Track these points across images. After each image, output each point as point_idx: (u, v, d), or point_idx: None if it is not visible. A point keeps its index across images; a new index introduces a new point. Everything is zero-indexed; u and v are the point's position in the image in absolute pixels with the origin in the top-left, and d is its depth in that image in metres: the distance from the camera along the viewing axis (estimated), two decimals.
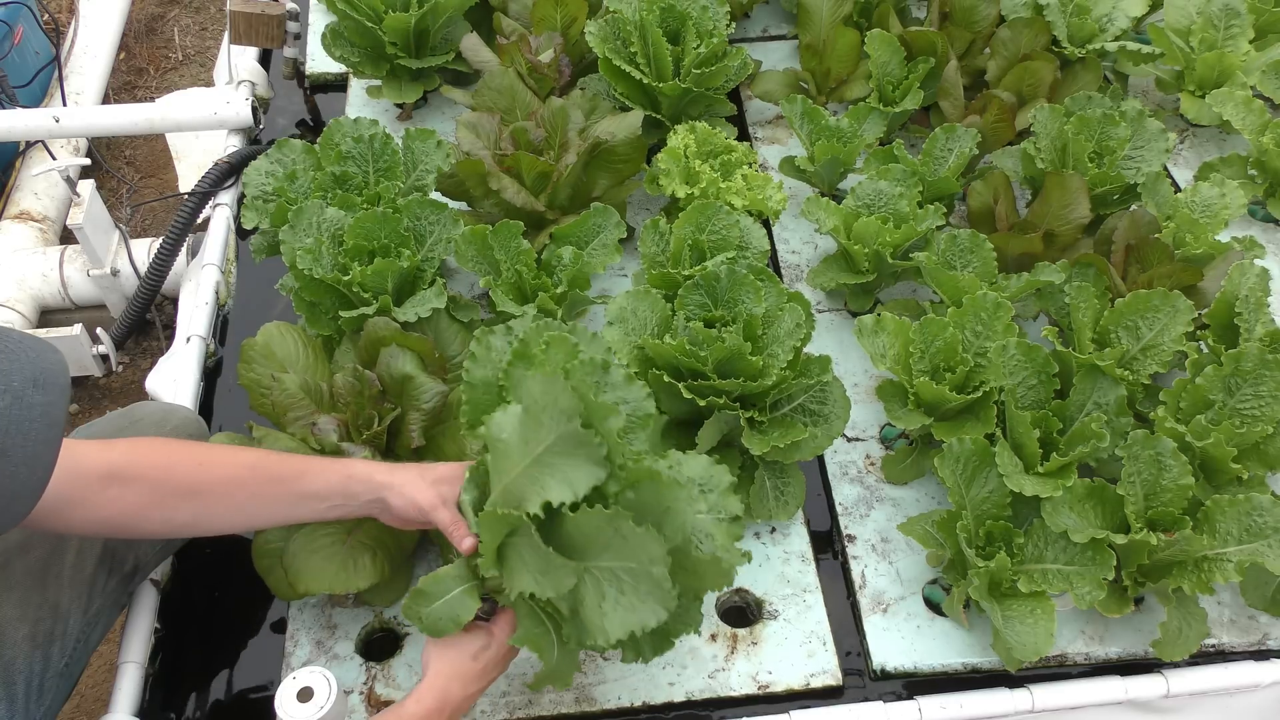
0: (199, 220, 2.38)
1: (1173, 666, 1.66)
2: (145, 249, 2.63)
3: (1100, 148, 2.16)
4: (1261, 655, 1.72)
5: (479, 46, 2.34)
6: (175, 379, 1.98)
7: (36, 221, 2.90)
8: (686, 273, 1.85)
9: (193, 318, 2.11)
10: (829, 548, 1.85)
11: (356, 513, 1.49)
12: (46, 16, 3.31)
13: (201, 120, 2.47)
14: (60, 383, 1.16)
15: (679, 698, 1.63)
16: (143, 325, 2.70)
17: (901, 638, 1.71)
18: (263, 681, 1.70)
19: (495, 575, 1.31)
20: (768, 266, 1.89)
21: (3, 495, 1.10)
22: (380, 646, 1.70)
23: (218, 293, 2.18)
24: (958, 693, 1.62)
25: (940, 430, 1.77)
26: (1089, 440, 1.67)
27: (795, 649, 1.68)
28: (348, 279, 1.79)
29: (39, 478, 1.14)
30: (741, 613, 1.76)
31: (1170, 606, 1.64)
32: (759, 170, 2.18)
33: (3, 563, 1.43)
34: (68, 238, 2.93)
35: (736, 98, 2.57)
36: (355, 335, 1.77)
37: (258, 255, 2.03)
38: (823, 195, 2.26)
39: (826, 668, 1.67)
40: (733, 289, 1.76)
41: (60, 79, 3.26)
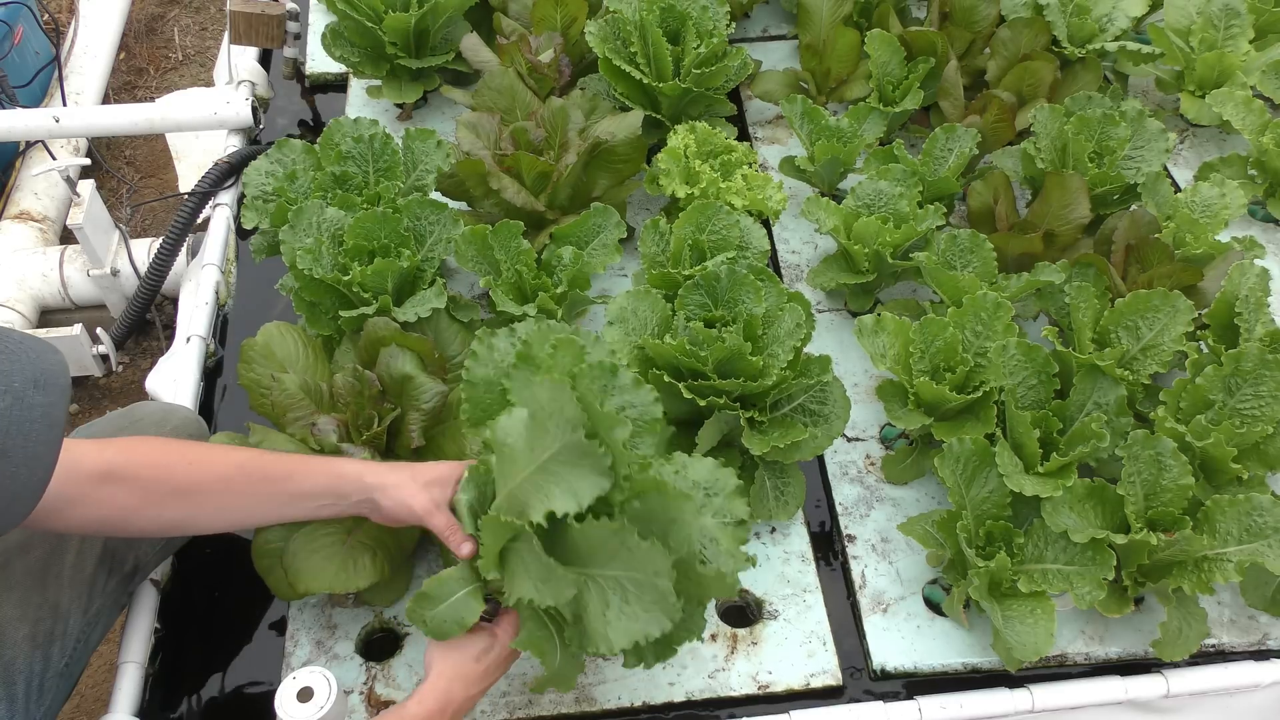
0: (199, 220, 2.38)
1: (1173, 666, 1.66)
2: (145, 249, 2.63)
3: (1100, 148, 2.16)
4: (1261, 655, 1.72)
5: (479, 46, 2.34)
6: (175, 379, 1.98)
7: (36, 221, 2.90)
8: (686, 273, 1.85)
9: (193, 318, 2.11)
10: (829, 548, 1.85)
11: (348, 512, 1.49)
12: (46, 16, 3.31)
13: (201, 120, 2.47)
14: (61, 383, 1.16)
15: (679, 698, 1.63)
16: (143, 325, 2.70)
17: (901, 638, 1.71)
18: (263, 681, 1.70)
19: (497, 578, 1.31)
20: (768, 266, 1.89)
21: (4, 496, 1.10)
22: (380, 646, 1.70)
23: (218, 293, 2.18)
24: (958, 693, 1.62)
25: (940, 430, 1.77)
26: (1089, 440, 1.67)
27: (795, 649, 1.68)
28: (348, 279, 1.79)
29: (40, 478, 1.14)
30: (741, 613, 1.76)
31: (1170, 606, 1.64)
32: (759, 170, 2.18)
33: (3, 563, 1.43)
34: (68, 238, 2.93)
35: (736, 98, 2.57)
36: (355, 335, 1.77)
37: (258, 255, 2.03)
38: (823, 195, 2.26)
39: (826, 668, 1.67)
40: (733, 289, 1.76)
41: (60, 79, 3.26)
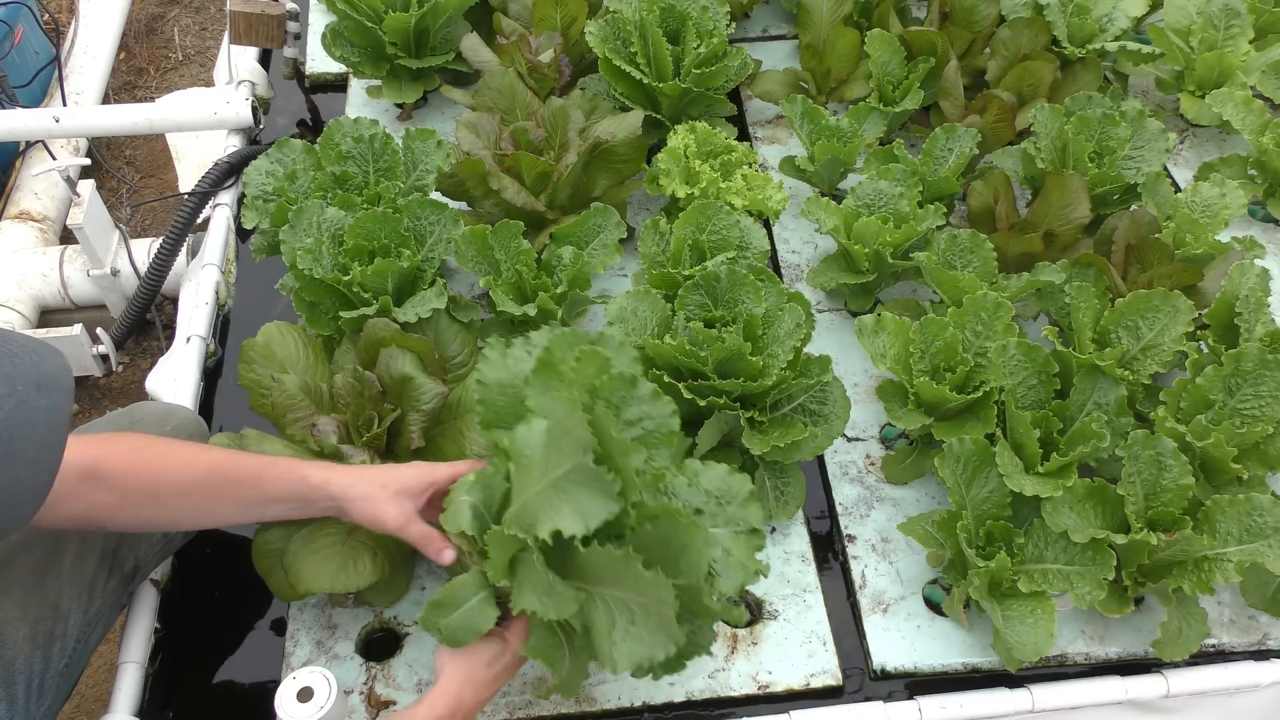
0: (199, 220, 2.38)
1: (1173, 666, 1.66)
2: (145, 249, 2.64)
3: (1100, 148, 2.16)
4: (1261, 655, 1.72)
5: (479, 46, 2.34)
6: (175, 379, 1.98)
7: (36, 221, 2.90)
8: (686, 273, 1.85)
9: (193, 318, 2.11)
10: (829, 548, 1.85)
11: (320, 514, 1.51)
12: (46, 16, 3.31)
13: (201, 120, 2.47)
14: (64, 386, 1.17)
15: (679, 698, 1.63)
16: (143, 325, 2.70)
17: (901, 638, 1.71)
18: (263, 681, 1.70)
19: (507, 585, 1.31)
20: (768, 266, 1.89)
21: (7, 499, 1.10)
22: (380, 646, 1.69)
23: (218, 293, 2.18)
24: (958, 693, 1.62)
25: (940, 430, 1.77)
26: (1089, 440, 1.67)
27: (795, 649, 1.68)
28: (348, 279, 1.78)
29: (44, 481, 1.14)
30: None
31: (1170, 606, 1.64)
32: (759, 170, 2.18)
33: (3, 563, 1.43)
34: (68, 238, 2.93)
35: (736, 98, 2.57)
36: (355, 336, 1.77)
37: (258, 255, 2.03)
38: (823, 195, 2.26)
39: (826, 668, 1.67)
40: (733, 289, 1.76)
41: (60, 79, 3.26)
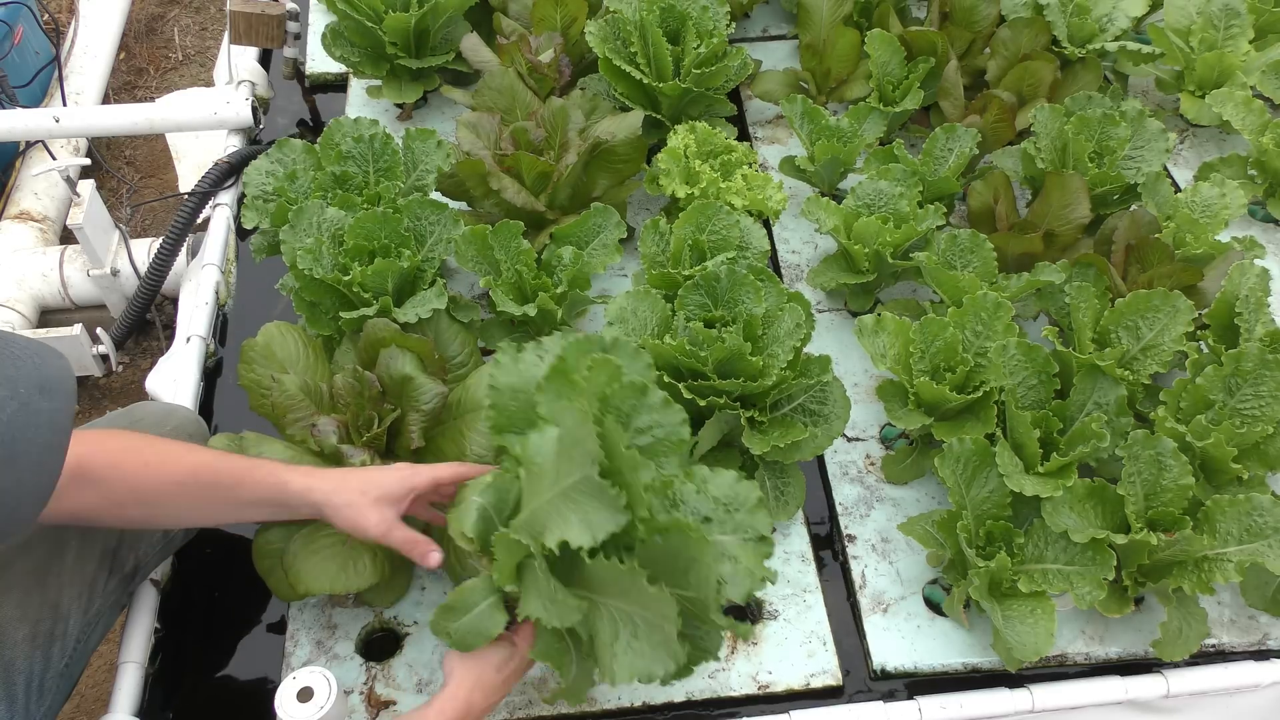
0: (199, 220, 2.38)
1: (1173, 666, 1.66)
2: (145, 249, 2.63)
3: (1100, 148, 2.16)
4: (1261, 655, 1.72)
5: (479, 46, 2.34)
6: (175, 379, 1.98)
7: (36, 221, 2.90)
8: (686, 273, 1.85)
9: (193, 318, 2.11)
10: (829, 548, 1.85)
11: (302, 517, 1.52)
12: (46, 16, 3.31)
13: (201, 120, 2.47)
14: (66, 388, 1.17)
15: (679, 698, 1.63)
16: (143, 325, 2.70)
17: (901, 638, 1.71)
18: (263, 682, 1.70)
19: (515, 590, 1.31)
20: (768, 266, 1.89)
21: (9, 502, 1.10)
22: (380, 646, 1.70)
23: (218, 293, 2.18)
24: (958, 693, 1.62)
25: (940, 430, 1.77)
26: (1089, 440, 1.67)
27: (795, 649, 1.68)
28: (348, 279, 1.78)
29: (46, 484, 1.14)
30: (741, 612, 1.76)
31: (1170, 606, 1.64)
32: (759, 170, 2.18)
33: (3, 563, 1.43)
34: (68, 238, 2.93)
35: (736, 98, 2.57)
36: (355, 336, 1.77)
37: (258, 255, 2.03)
38: (823, 195, 2.26)
39: (826, 668, 1.67)
40: (733, 289, 1.76)
41: (60, 79, 3.26)
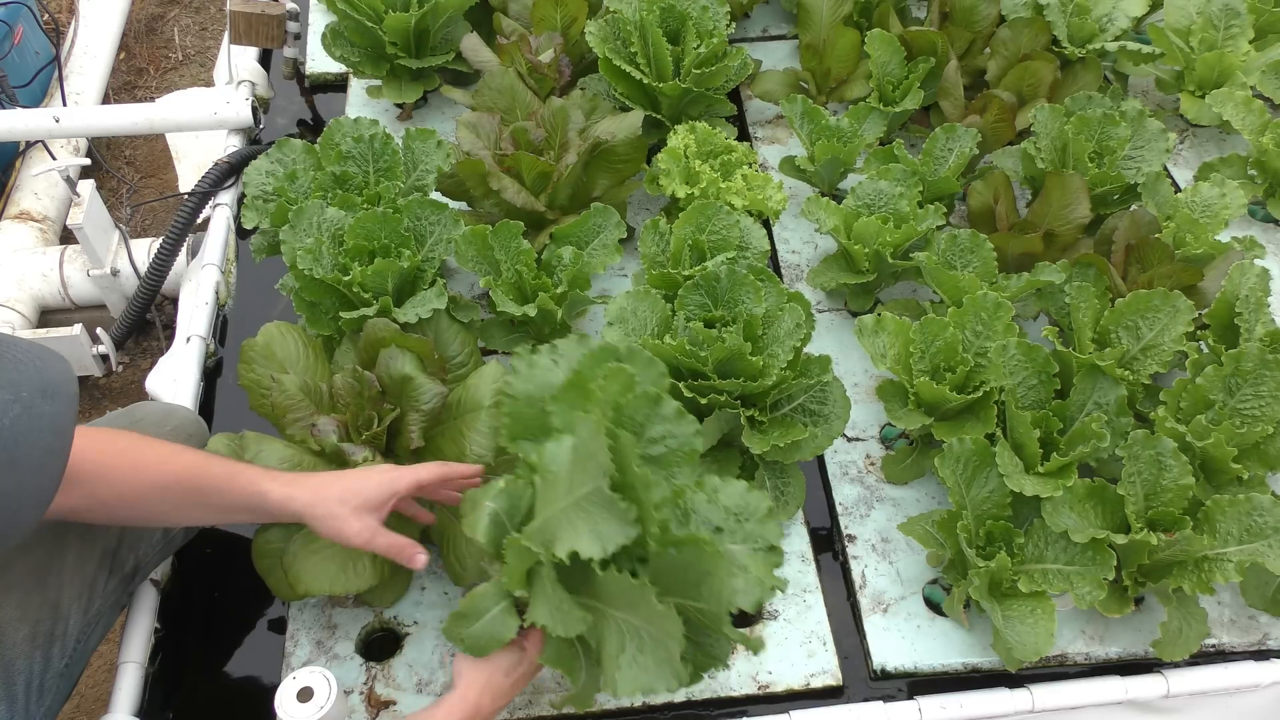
0: (199, 220, 2.38)
1: (1173, 666, 1.66)
2: (145, 249, 2.63)
3: (1100, 148, 2.16)
4: (1261, 655, 1.72)
5: (479, 46, 2.34)
6: (175, 379, 1.98)
7: (36, 221, 2.90)
8: (686, 273, 1.85)
9: (193, 318, 2.11)
10: (829, 548, 1.85)
11: (286, 521, 1.51)
12: (46, 16, 3.31)
13: (201, 120, 2.47)
14: (68, 392, 1.17)
15: (679, 698, 1.63)
16: (143, 325, 2.70)
17: (902, 638, 1.71)
18: (263, 681, 1.70)
19: (525, 594, 1.32)
20: (768, 266, 1.89)
21: (11, 505, 1.10)
22: (380, 646, 1.70)
23: (218, 293, 2.18)
24: (958, 693, 1.62)
25: (940, 430, 1.77)
26: (1089, 440, 1.67)
27: (795, 649, 1.68)
28: (348, 279, 1.78)
29: (48, 488, 1.14)
30: (742, 612, 1.76)
31: (1170, 606, 1.64)
32: (759, 170, 2.18)
33: (3, 563, 1.43)
34: (68, 238, 2.93)
35: (736, 98, 2.57)
36: (355, 336, 1.77)
37: (258, 255, 2.03)
38: (823, 195, 2.26)
39: (826, 668, 1.67)
40: (733, 289, 1.76)
41: (60, 79, 3.26)
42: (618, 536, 1.16)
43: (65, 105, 3.21)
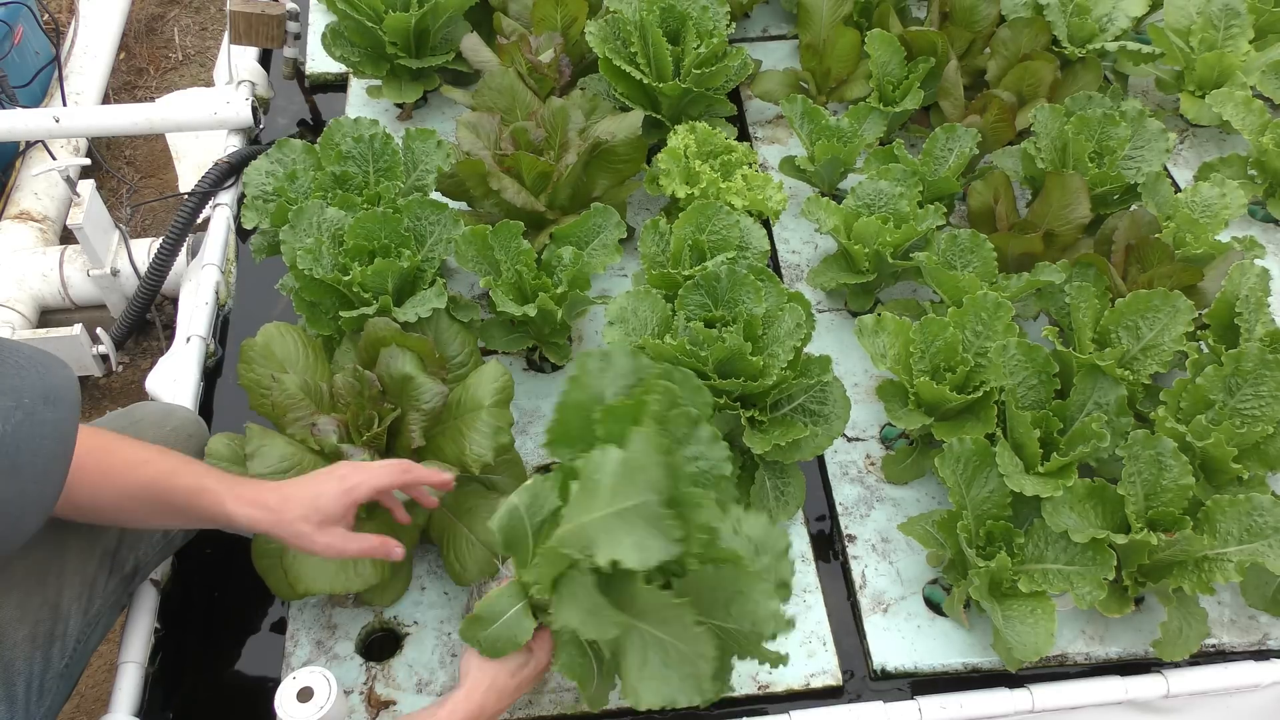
0: (199, 220, 2.38)
1: (1173, 666, 1.67)
2: (145, 249, 2.63)
3: (1100, 148, 2.16)
4: (1261, 655, 1.72)
5: (479, 46, 2.34)
6: (175, 379, 1.98)
7: (36, 221, 2.90)
8: (686, 273, 1.85)
9: (193, 318, 2.11)
10: (829, 548, 1.85)
11: None
12: (46, 16, 3.31)
13: (201, 120, 2.47)
14: (70, 398, 1.17)
15: None
16: (143, 325, 2.70)
17: (902, 638, 1.71)
18: (263, 681, 1.70)
19: (547, 599, 1.32)
20: (768, 266, 1.89)
21: (13, 512, 1.10)
22: (380, 646, 1.70)
23: (218, 293, 2.18)
24: (958, 693, 1.62)
25: (940, 430, 1.77)
26: (1089, 440, 1.67)
27: (795, 649, 1.68)
28: (348, 279, 1.78)
29: (50, 494, 1.14)
30: None
31: (1170, 606, 1.64)
32: (759, 170, 2.18)
33: (3, 563, 1.43)
34: (68, 238, 2.93)
35: (736, 98, 2.57)
36: (355, 335, 1.77)
37: (258, 255, 2.03)
38: (823, 195, 2.26)
39: (826, 668, 1.67)
40: (733, 289, 1.76)
41: (60, 79, 3.26)
42: (660, 552, 1.17)
43: (65, 105, 3.21)
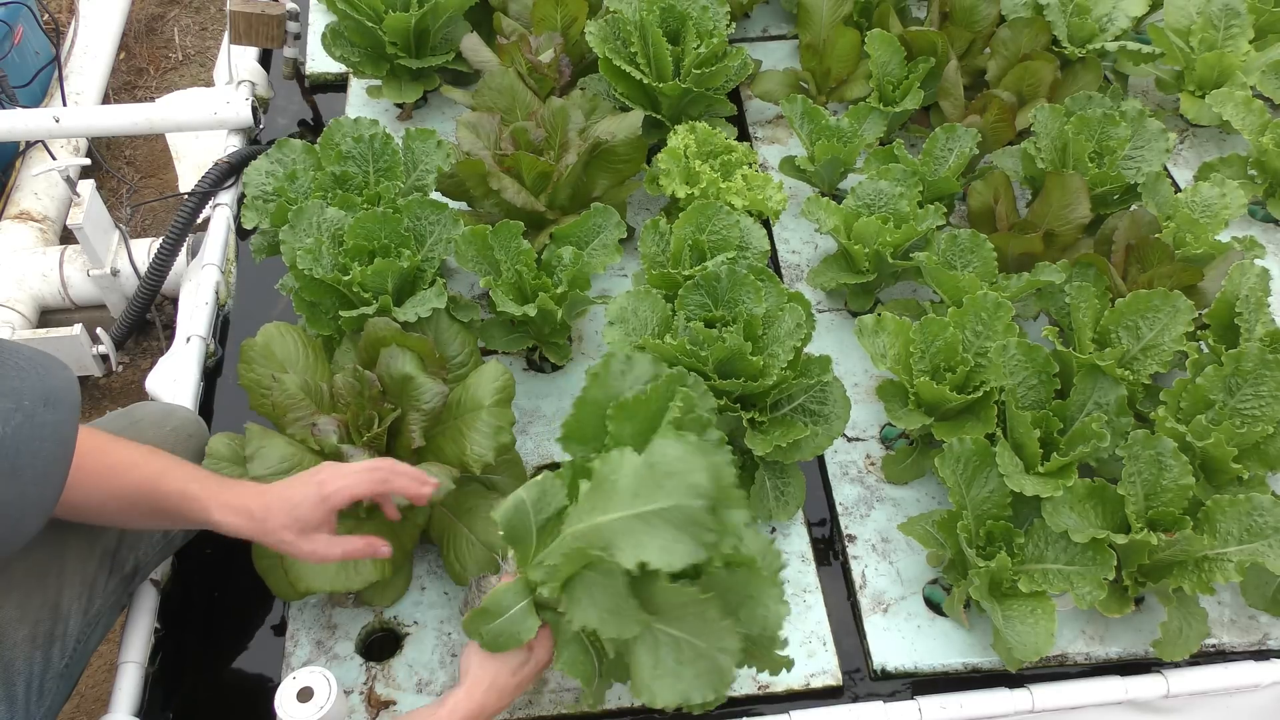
0: (199, 220, 2.38)
1: (1173, 666, 1.67)
2: (145, 249, 2.63)
3: (1100, 148, 2.16)
4: (1261, 655, 1.72)
5: (479, 46, 2.34)
6: (175, 379, 1.98)
7: (36, 221, 2.90)
8: (686, 273, 1.85)
9: (193, 318, 2.11)
10: (829, 548, 1.85)
11: None
12: (46, 16, 3.31)
13: (201, 120, 2.47)
14: (70, 400, 1.16)
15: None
16: (143, 325, 2.70)
17: (902, 638, 1.71)
18: (263, 681, 1.70)
19: (550, 597, 1.32)
20: (768, 266, 1.89)
21: (12, 514, 1.10)
22: (380, 646, 1.70)
23: (218, 293, 2.18)
24: (958, 693, 1.62)
25: (940, 430, 1.77)
26: (1089, 440, 1.67)
27: (795, 649, 1.68)
28: (348, 279, 1.78)
29: (49, 497, 1.14)
30: None
31: (1170, 606, 1.64)
32: (759, 170, 2.18)
33: (3, 564, 1.43)
34: (68, 238, 2.93)
35: (736, 98, 2.57)
36: (355, 335, 1.77)
37: (258, 255, 2.03)
38: (823, 195, 2.26)
39: (826, 668, 1.67)
40: (733, 289, 1.76)
41: (60, 79, 3.26)
42: (689, 556, 1.18)
43: (65, 105, 3.21)
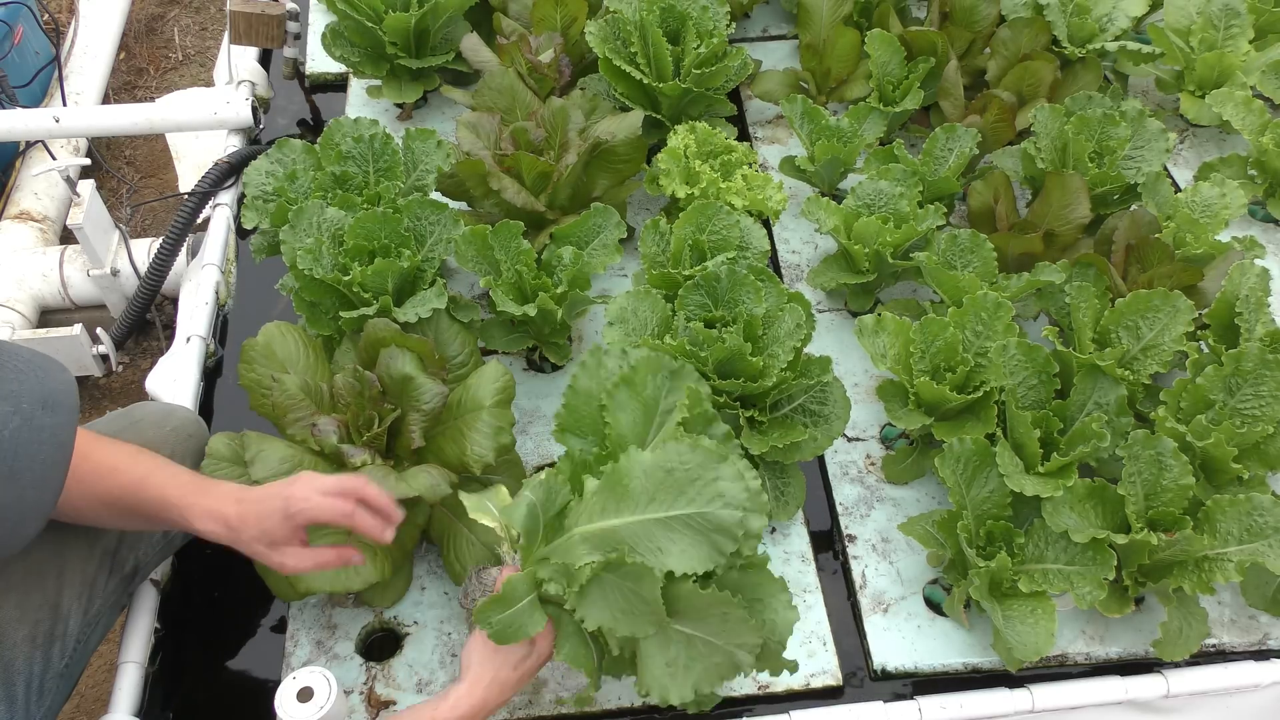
0: (199, 220, 2.38)
1: (1173, 666, 1.66)
2: (145, 249, 2.63)
3: (1100, 148, 2.16)
4: (1261, 655, 1.72)
5: (479, 46, 2.34)
6: (175, 379, 1.98)
7: (36, 221, 2.90)
8: (686, 273, 1.85)
9: (193, 318, 2.11)
10: (829, 548, 1.85)
11: None
12: (46, 16, 3.31)
13: (201, 120, 2.47)
14: (69, 403, 1.16)
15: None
16: (143, 325, 2.70)
17: (902, 638, 1.71)
18: (263, 681, 1.70)
19: (559, 595, 1.32)
20: (768, 266, 1.89)
21: (11, 517, 1.10)
22: (380, 646, 1.70)
23: (218, 293, 2.18)
24: (958, 693, 1.62)
25: (941, 430, 1.77)
26: (1089, 440, 1.67)
27: (795, 649, 1.68)
28: (348, 279, 1.78)
29: (47, 500, 1.14)
30: None
31: (1171, 606, 1.64)
32: (759, 170, 2.18)
33: (3, 563, 1.43)
34: (68, 238, 2.93)
35: (736, 98, 2.57)
36: (355, 336, 1.77)
37: (258, 255, 2.03)
38: (823, 195, 2.26)
39: (826, 668, 1.67)
40: (733, 289, 1.76)
41: (60, 79, 3.26)
42: (708, 561, 1.20)
43: (65, 105, 3.21)
